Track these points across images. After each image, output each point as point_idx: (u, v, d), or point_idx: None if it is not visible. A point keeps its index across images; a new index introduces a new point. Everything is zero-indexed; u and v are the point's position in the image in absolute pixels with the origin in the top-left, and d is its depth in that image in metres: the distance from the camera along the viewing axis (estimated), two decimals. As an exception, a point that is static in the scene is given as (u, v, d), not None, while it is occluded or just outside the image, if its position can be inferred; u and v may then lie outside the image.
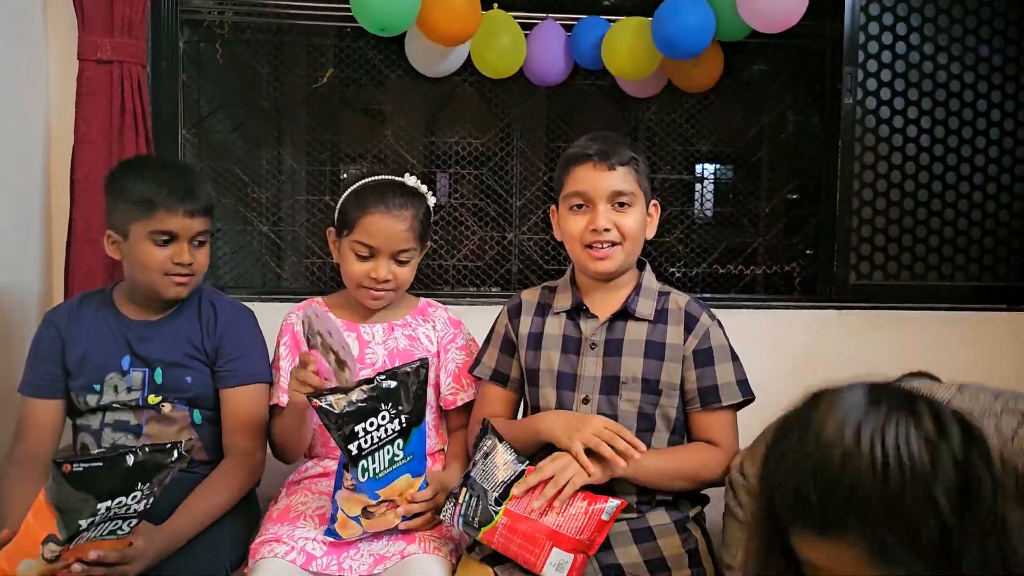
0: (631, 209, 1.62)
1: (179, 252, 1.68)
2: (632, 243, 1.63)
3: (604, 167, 1.60)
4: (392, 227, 1.72)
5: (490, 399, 1.77)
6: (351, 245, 1.74)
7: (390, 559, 1.57)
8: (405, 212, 1.73)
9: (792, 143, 3.06)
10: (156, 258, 1.67)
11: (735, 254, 2.94)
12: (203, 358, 1.76)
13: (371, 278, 1.74)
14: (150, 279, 1.69)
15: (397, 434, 1.52)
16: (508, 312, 1.78)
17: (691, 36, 2.32)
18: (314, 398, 1.47)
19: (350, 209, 1.74)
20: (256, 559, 1.55)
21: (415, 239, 1.75)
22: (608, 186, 1.60)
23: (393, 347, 1.81)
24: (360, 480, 1.51)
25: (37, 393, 1.73)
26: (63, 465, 1.26)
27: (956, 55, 2.79)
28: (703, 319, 1.66)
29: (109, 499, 1.30)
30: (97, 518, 1.30)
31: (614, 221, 1.60)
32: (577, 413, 1.61)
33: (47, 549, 1.29)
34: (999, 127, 2.81)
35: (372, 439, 1.49)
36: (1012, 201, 2.83)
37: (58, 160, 2.41)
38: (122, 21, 2.29)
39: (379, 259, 1.73)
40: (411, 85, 2.88)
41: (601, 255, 1.61)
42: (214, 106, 2.81)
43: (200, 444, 1.77)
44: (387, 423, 1.50)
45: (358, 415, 1.47)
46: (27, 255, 2.36)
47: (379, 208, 1.71)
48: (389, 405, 1.50)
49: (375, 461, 1.51)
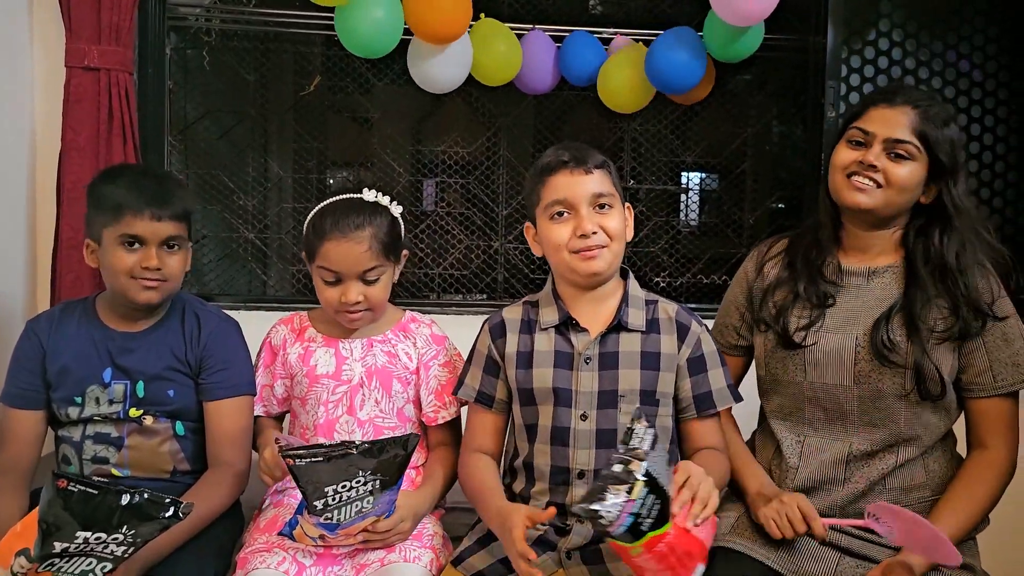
0: (612, 210, 1.62)
1: (147, 256, 1.66)
2: (618, 243, 1.63)
3: (581, 171, 1.61)
4: (351, 251, 1.69)
5: (476, 422, 1.75)
6: (317, 272, 1.73)
7: (370, 567, 1.59)
8: (362, 233, 1.69)
9: (776, 154, 3.09)
10: (124, 262, 1.66)
11: (720, 264, 2.97)
12: (186, 370, 1.75)
13: (342, 302, 1.72)
14: (120, 283, 1.68)
15: (369, 493, 1.48)
16: (491, 332, 1.74)
17: (684, 74, 2.40)
18: (288, 456, 1.42)
19: (311, 237, 1.73)
20: (248, 570, 1.54)
21: (379, 256, 1.71)
22: (589, 189, 1.60)
23: (371, 364, 1.79)
24: (320, 522, 1.49)
25: (18, 404, 1.72)
26: (60, 479, 1.24)
27: (937, 70, 2.83)
28: (694, 327, 1.68)
29: (91, 531, 1.27)
30: (72, 547, 1.27)
31: (599, 223, 1.60)
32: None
33: (17, 563, 1.28)
34: (979, 141, 2.85)
35: (341, 498, 1.46)
36: (991, 214, 2.87)
37: (44, 168, 2.40)
38: (110, 28, 2.28)
39: (346, 283, 1.71)
40: (398, 93, 2.89)
41: (591, 255, 1.60)
42: (201, 113, 2.81)
43: (183, 455, 1.77)
44: (360, 485, 1.46)
45: (329, 478, 1.43)
46: (11, 263, 2.36)
47: (334, 234, 1.69)
48: (368, 473, 1.46)
49: (340, 513, 1.48)
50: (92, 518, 1.27)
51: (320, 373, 1.78)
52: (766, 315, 1.72)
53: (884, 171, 1.58)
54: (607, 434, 1.60)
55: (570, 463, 1.61)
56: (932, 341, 1.58)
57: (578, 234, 1.59)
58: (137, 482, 1.72)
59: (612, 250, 1.62)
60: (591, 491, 1.26)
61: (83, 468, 1.73)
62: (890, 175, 1.58)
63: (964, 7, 2.82)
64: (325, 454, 1.41)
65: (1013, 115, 2.84)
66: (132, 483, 1.71)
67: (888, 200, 1.59)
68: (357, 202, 1.74)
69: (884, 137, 1.58)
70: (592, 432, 1.61)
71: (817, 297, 1.65)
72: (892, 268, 1.65)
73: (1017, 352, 1.60)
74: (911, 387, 1.58)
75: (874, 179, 1.59)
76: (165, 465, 1.76)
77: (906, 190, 1.59)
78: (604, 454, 1.58)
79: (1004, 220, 2.88)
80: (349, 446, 1.43)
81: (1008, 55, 2.84)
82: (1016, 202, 2.86)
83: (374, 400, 1.79)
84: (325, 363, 1.78)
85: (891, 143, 1.58)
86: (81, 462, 1.73)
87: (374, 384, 1.78)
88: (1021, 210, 2.86)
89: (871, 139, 1.60)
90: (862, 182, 1.59)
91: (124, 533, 1.30)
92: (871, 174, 1.59)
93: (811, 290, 1.65)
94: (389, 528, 1.58)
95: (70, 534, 1.26)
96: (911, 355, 1.57)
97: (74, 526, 1.26)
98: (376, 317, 1.81)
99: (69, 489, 1.24)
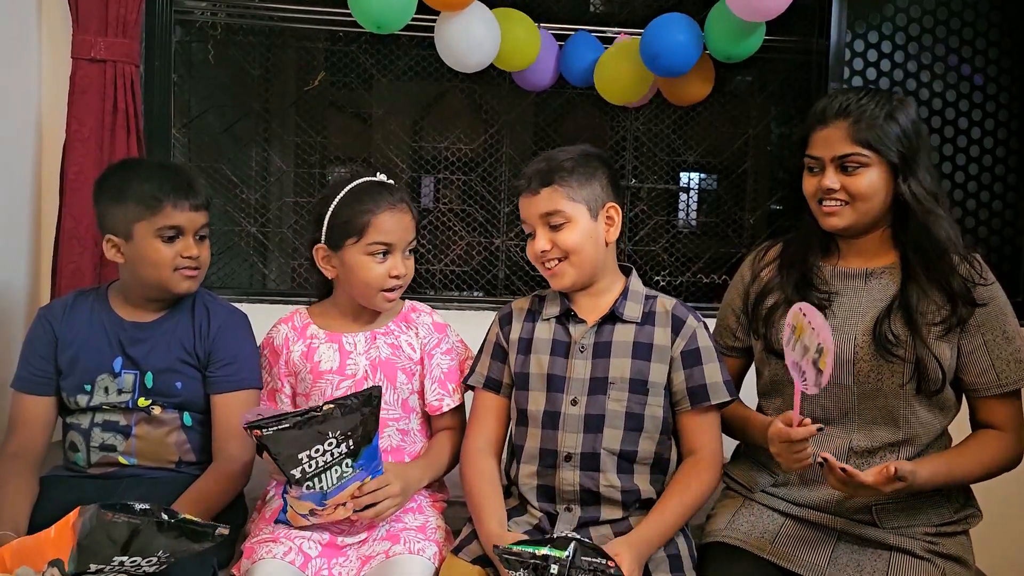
0: (566, 226, 1.66)
1: (187, 246, 1.70)
2: (578, 256, 1.66)
3: (529, 194, 1.68)
4: (403, 219, 1.74)
5: (484, 406, 1.79)
6: (366, 249, 1.72)
7: (375, 558, 1.59)
8: (406, 204, 1.76)
9: (777, 155, 3.10)
10: (165, 255, 1.68)
11: (719, 264, 2.98)
12: (194, 362, 1.77)
13: (392, 276, 1.73)
14: (160, 276, 1.70)
15: (345, 455, 1.51)
16: (499, 320, 1.82)
17: (679, 54, 2.35)
18: (254, 428, 1.45)
19: (352, 216, 1.71)
20: (254, 560, 1.55)
21: (416, 228, 1.79)
22: (535, 211, 1.67)
23: (375, 356, 1.79)
24: (306, 493, 1.52)
25: (29, 389, 1.74)
26: (105, 512, 1.25)
27: (939, 73, 2.84)
28: (690, 321, 1.70)
29: (127, 555, 1.29)
30: (108, 568, 1.29)
31: (551, 240, 1.66)
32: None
33: (49, 572, 1.28)
34: (979, 145, 2.86)
35: (317, 464, 1.49)
36: (991, 218, 2.88)
37: (49, 158, 2.40)
38: (116, 20, 2.29)
39: (395, 255, 1.74)
40: (401, 89, 2.90)
41: (551, 272, 1.69)
42: (205, 106, 2.82)
43: (189, 446, 1.78)
44: (333, 448, 1.49)
45: (299, 445, 1.46)
46: (15, 252, 2.36)
47: (387, 205, 1.72)
48: (337, 433, 1.49)
49: (322, 480, 1.51)
50: (131, 545, 1.28)
51: (324, 369, 1.78)
52: (758, 322, 1.74)
53: (844, 187, 1.61)
54: (595, 419, 1.65)
55: (558, 446, 1.66)
56: (933, 335, 1.59)
57: (536, 251, 1.69)
58: (143, 471, 1.75)
59: (572, 263, 1.67)
60: None
61: (90, 455, 1.74)
62: (851, 189, 1.60)
63: (967, 11, 2.84)
64: (290, 421, 1.45)
65: (1014, 119, 2.85)
66: (138, 472, 1.74)
67: (860, 212, 1.62)
68: (383, 181, 1.78)
69: (830, 157, 1.61)
70: (581, 417, 1.66)
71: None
72: (889, 268, 1.66)
73: (1019, 349, 1.62)
74: (911, 383, 1.59)
75: (838, 199, 1.62)
76: (171, 456, 1.77)
77: (872, 196, 1.60)
78: (591, 438, 1.65)
79: (1004, 223, 2.89)
80: (314, 409, 1.47)
81: (1010, 59, 2.85)
82: (1016, 205, 2.87)
83: None
84: (329, 359, 1.79)
85: (838, 160, 1.61)
86: (88, 449, 1.74)
87: (379, 377, 1.78)
88: (1021, 212, 2.87)
89: (821, 163, 1.64)
90: (830, 206, 1.63)
91: (159, 556, 1.32)
92: (834, 196, 1.62)
93: (803, 298, 1.65)
94: (376, 488, 1.59)
95: (107, 557, 1.28)
96: (913, 348, 1.58)
97: (113, 550, 1.27)
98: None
99: (114, 521, 1.26)
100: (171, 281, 1.71)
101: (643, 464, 1.67)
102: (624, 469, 1.65)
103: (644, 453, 1.67)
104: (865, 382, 1.62)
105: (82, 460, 1.75)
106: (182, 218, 1.69)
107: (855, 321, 1.64)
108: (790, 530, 1.63)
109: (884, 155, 1.58)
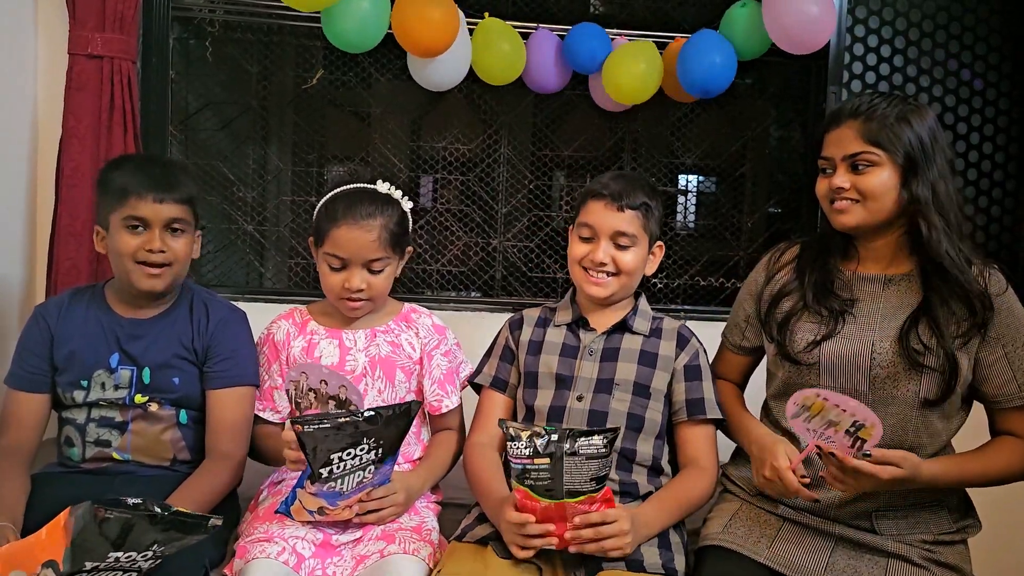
0: (631, 249, 1.74)
1: (150, 239, 1.68)
2: (628, 277, 1.76)
3: (614, 208, 1.73)
4: (360, 238, 1.72)
5: (490, 404, 1.85)
6: (324, 257, 1.76)
7: (370, 558, 1.59)
8: (373, 222, 1.73)
9: (775, 158, 3.10)
10: (128, 245, 1.68)
11: (717, 266, 2.97)
12: (192, 358, 1.77)
13: (345, 288, 1.74)
14: (124, 268, 1.70)
15: (372, 461, 1.54)
16: (510, 325, 1.90)
17: (718, 78, 2.43)
18: (296, 423, 1.46)
19: (321, 221, 1.75)
20: (248, 559, 1.54)
21: (386, 247, 1.75)
22: (612, 225, 1.73)
23: (375, 353, 1.81)
24: (323, 491, 1.53)
25: (23, 386, 1.73)
26: (98, 508, 1.24)
27: (939, 78, 2.84)
28: (693, 340, 1.82)
29: (121, 551, 1.28)
30: (103, 565, 1.28)
31: (612, 256, 1.74)
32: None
33: (43, 574, 1.27)
34: (978, 150, 2.86)
35: (345, 466, 1.51)
36: (989, 223, 2.88)
37: (45, 154, 2.40)
38: (114, 17, 2.28)
39: (351, 269, 1.74)
40: (400, 88, 2.89)
41: (596, 281, 1.75)
42: (202, 104, 2.81)
43: (184, 444, 1.77)
44: (364, 453, 1.52)
45: (337, 447, 1.48)
46: (11, 248, 2.35)
47: (347, 220, 1.71)
48: (372, 440, 1.51)
49: (343, 483, 1.53)
50: (125, 540, 1.28)
51: (324, 364, 1.79)
52: (772, 325, 1.74)
53: (854, 186, 1.61)
54: (598, 416, 1.72)
55: None
56: (958, 342, 1.59)
57: (590, 258, 1.75)
58: (137, 468, 1.74)
59: (619, 281, 1.76)
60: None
61: (85, 450, 1.74)
62: (861, 188, 1.61)
63: (966, 15, 2.84)
64: (331, 420, 1.47)
65: (1014, 124, 2.85)
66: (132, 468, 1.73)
67: (870, 211, 1.62)
68: (371, 192, 1.78)
69: (841, 157, 1.63)
70: (585, 412, 1.72)
71: (828, 311, 1.66)
72: (908, 276, 1.66)
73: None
74: (929, 391, 1.58)
75: (849, 198, 1.63)
76: (166, 453, 1.77)
77: (882, 196, 1.61)
78: None
79: (1002, 228, 2.89)
80: (355, 413, 1.50)
81: (1010, 63, 2.85)
82: (1015, 210, 2.87)
83: (377, 390, 1.80)
84: (329, 354, 1.80)
85: (849, 159, 1.62)
86: (84, 444, 1.74)
87: (377, 374, 1.80)
88: (1020, 218, 2.87)
89: (833, 163, 1.66)
90: (841, 204, 1.64)
91: (153, 550, 1.31)
92: (845, 195, 1.62)
93: (822, 303, 1.67)
94: (383, 496, 1.62)
95: (102, 554, 1.27)
96: (940, 357, 1.58)
97: (107, 547, 1.27)
98: (375, 308, 1.83)
99: (107, 517, 1.25)
100: (132, 273, 1.69)
101: (641, 465, 1.72)
102: (624, 467, 1.70)
103: (642, 455, 1.71)
104: (880, 388, 1.61)
105: (76, 455, 1.75)
106: (147, 210, 1.67)
107: (874, 327, 1.63)
108: (787, 535, 1.63)
109: (894, 155, 1.59)
